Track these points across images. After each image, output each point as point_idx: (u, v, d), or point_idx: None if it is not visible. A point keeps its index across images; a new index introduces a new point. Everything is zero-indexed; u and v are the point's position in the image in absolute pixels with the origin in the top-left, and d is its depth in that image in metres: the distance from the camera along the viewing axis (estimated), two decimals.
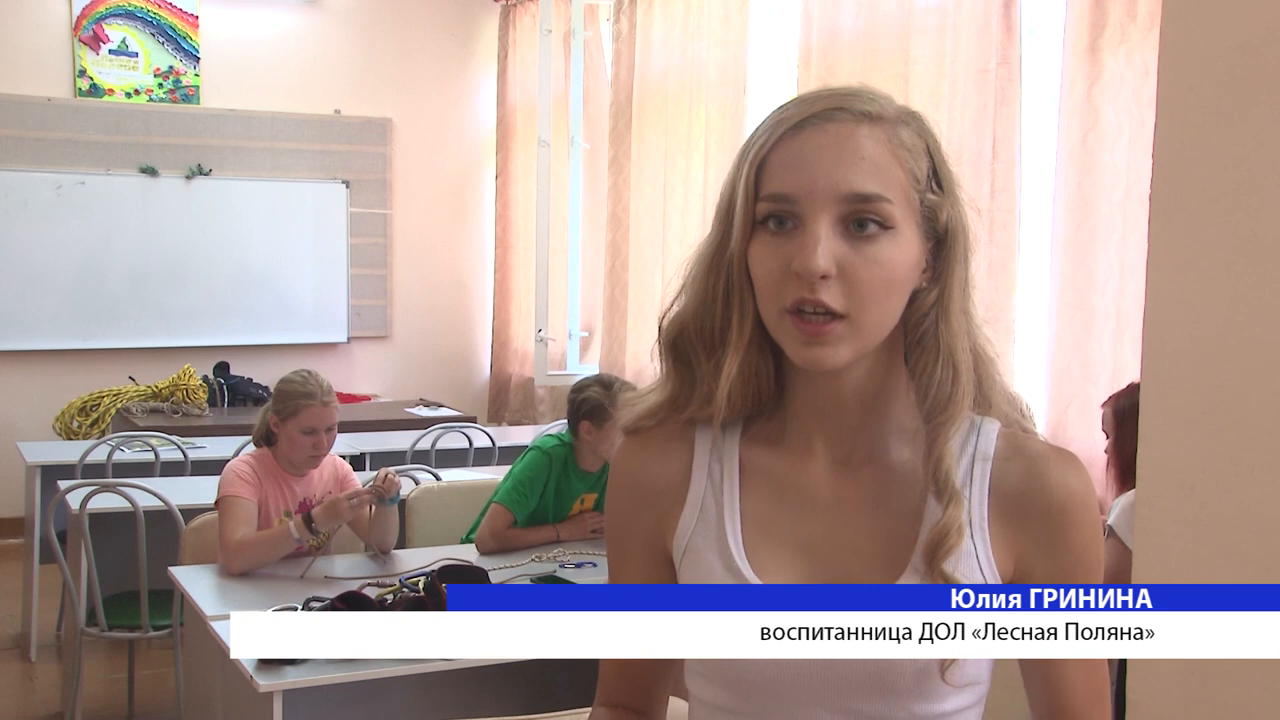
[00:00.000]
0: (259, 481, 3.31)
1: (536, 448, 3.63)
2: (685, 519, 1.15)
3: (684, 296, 1.14)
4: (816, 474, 1.13)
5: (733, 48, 5.23)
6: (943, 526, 1.07)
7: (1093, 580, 1.11)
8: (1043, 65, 3.84)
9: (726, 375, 1.10)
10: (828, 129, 1.05)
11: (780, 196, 1.04)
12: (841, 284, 1.02)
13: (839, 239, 1.03)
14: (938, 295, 1.08)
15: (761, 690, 1.10)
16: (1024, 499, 1.10)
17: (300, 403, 3.31)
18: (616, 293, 5.95)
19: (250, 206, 7.06)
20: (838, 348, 1.04)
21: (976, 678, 1.09)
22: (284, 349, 7.00)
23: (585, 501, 3.66)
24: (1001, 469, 1.12)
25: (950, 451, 1.08)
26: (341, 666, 2.49)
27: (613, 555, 1.22)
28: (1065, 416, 3.60)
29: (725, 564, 1.11)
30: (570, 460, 3.62)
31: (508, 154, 7.35)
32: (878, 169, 1.04)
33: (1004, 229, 3.77)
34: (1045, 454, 1.12)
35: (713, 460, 1.16)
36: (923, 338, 1.09)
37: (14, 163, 6.55)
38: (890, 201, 1.04)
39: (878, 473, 1.13)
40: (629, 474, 1.19)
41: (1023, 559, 1.11)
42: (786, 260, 1.03)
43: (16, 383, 6.60)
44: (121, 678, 4.23)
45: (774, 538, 1.12)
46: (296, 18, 7.22)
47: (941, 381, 1.08)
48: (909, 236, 1.06)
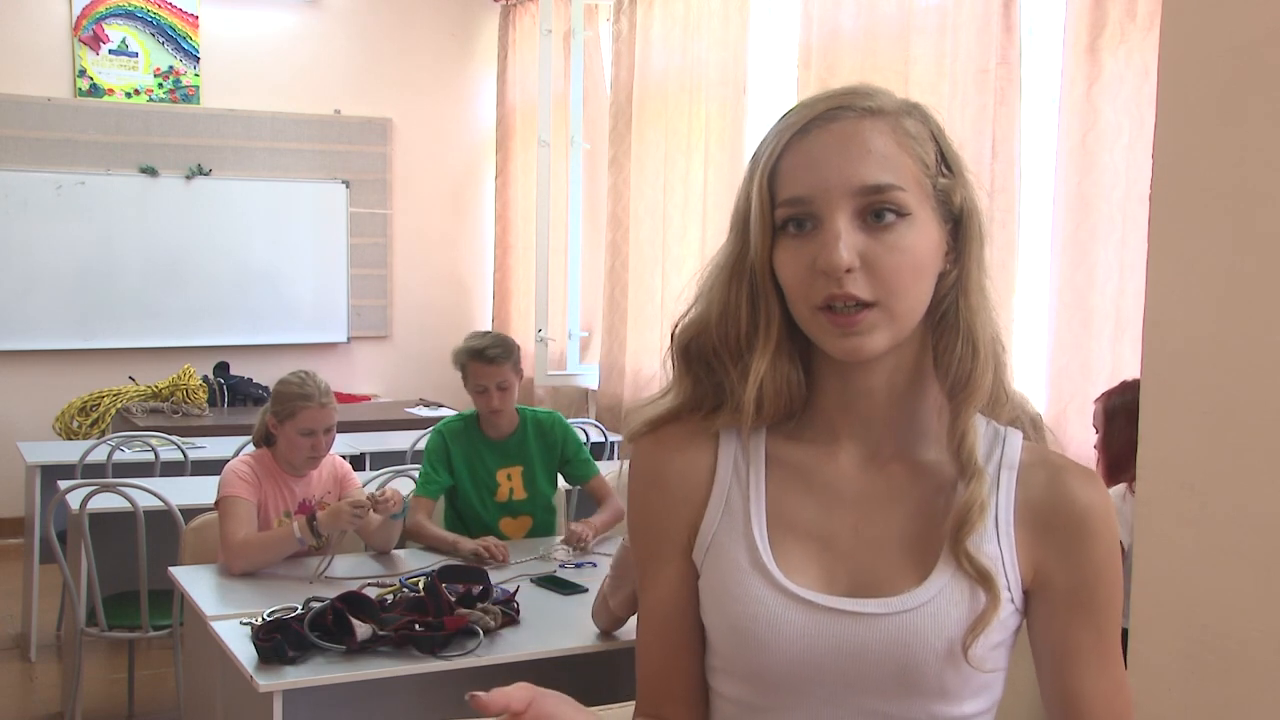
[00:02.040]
0: (258, 482, 3.31)
1: (433, 430, 3.72)
2: (710, 514, 1.15)
3: (701, 304, 1.15)
4: (844, 469, 1.14)
5: (733, 48, 5.23)
6: (966, 502, 1.08)
7: (1112, 589, 1.12)
8: (1043, 65, 3.84)
9: (754, 379, 1.11)
10: (833, 128, 1.06)
11: (796, 200, 1.06)
12: (867, 275, 1.04)
13: (858, 232, 1.04)
14: (958, 275, 1.10)
15: (782, 687, 1.10)
16: (1046, 508, 1.11)
17: (298, 404, 3.31)
18: (616, 293, 5.95)
19: (250, 206, 7.06)
20: (873, 335, 1.05)
21: (996, 665, 1.10)
22: (284, 349, 7.00)
23: (513, 478, 3.67)
24: (1026, 478, 1.13)
25: (974, 428, 1.10)
26: (341, 666, 2.50)
27: (644, 559, 1.19)
28: (1065, 416, 3.59)
29: (751, 559, 1.11)
30: (473, 431, 3.66)
31: (507, 154, 7.35)
32: (886, 160, 1.05)
33: (1004, 229, 3.77)
34: (1068, 466, 1.14)
35: (739, 456, 1.16)
36: (944, 317, 1.10)
37: (14, 163, 6.55)
38: (903, 189, 1.05)
39: (906, 469, 1.13)
40: (650, 472, 1.18)
41: (1043, 569, 1.11)
42: (811, 260, 1.05)
43: (16, 383, 6.60)
44: (121, 678, 4.23)
45: (800, 533, 1.12)
46: (296, 18, 7.22)
47: (962, 358, 1.09)
48: (926, 221, 1.07)
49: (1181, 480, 1.91)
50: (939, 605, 1.07)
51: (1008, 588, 1.09)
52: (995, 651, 1.09)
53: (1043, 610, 1.12)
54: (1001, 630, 1.09)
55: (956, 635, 1.06)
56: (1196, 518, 1.89)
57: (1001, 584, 1.08)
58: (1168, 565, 1.94)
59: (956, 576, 1.08)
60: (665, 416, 1.17)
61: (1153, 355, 1.96)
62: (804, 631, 1.08)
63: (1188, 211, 1.90)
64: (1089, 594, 1.11)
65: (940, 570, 1.08)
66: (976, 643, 1.06)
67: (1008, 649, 1.12)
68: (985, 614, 1.06)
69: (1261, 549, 1.81)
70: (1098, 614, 1.11)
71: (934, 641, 1.06)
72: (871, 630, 1.07)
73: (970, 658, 1.06)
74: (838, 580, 1.10)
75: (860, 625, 1.07)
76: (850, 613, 1.08)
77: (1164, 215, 1.94)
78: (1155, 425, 1.96)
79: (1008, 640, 1.11)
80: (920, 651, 1.06)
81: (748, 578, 1.11)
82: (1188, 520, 1.90)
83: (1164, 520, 1.94)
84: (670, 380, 1.18)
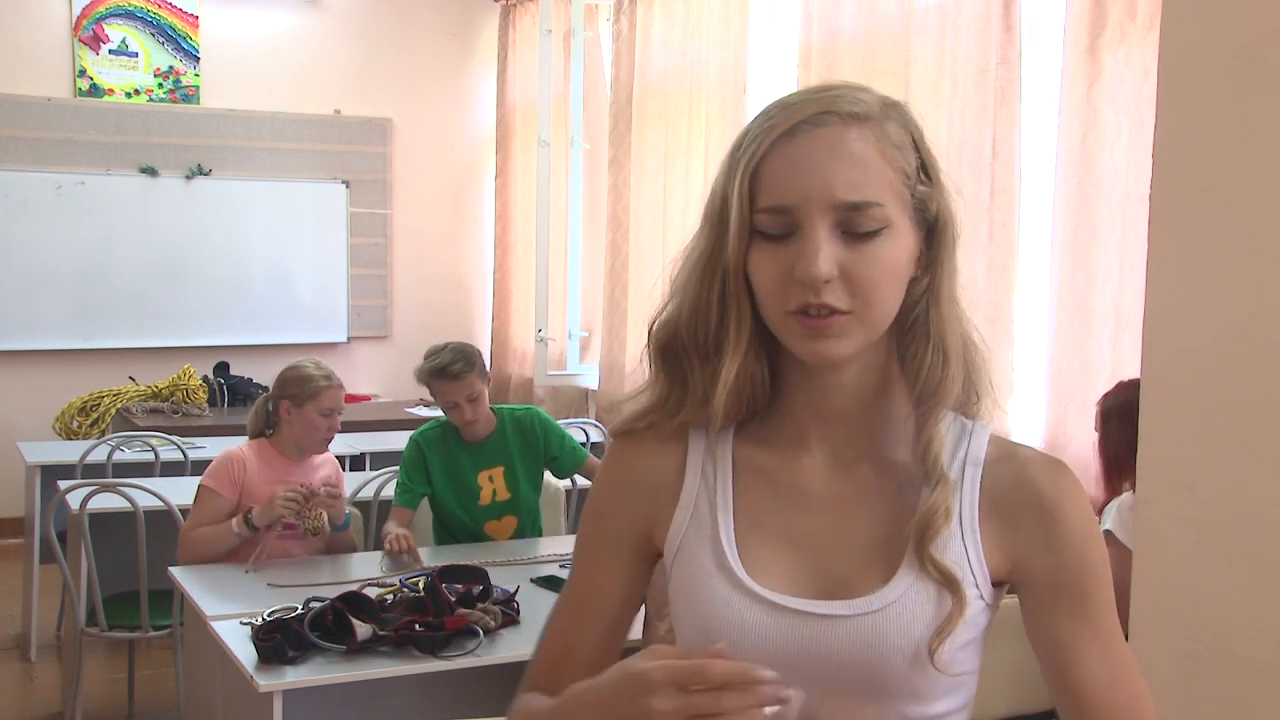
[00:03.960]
0: (244, 478, 3.35)
1: (409, 438, 3.73)
2: (678, 518, 1.15)
3: (674, 301, 1.14)
4: (811, 472, 1.14)
5: (733, 48, 5.23)
6: (929, 507, 1.07)
7: (1096, 575, 1.11)
8: (1043, 65, 3.83)
9: (724, 381, 1.11)
10: (818, 134, 1.06)
11: (778, 208, 1.05)
12: (844, 285, 1.04)
13: (837, 242, 1.04)
14: (929, 283, 1.10)
15: None
16: (1014, 500, 1.11)
17: (319, 384, 3.43)
18: (616, 293, 5.95)
19: (250, 206, 7.06)
20: (843, 340, 1.05)
21: (965, 667, 1.09)
22: (284, 349, 6.98)
23: (495, 479, 3.65)
24: (992, 472, 1.12)
25: (939, 435, 1.09)
26: (341, 666, 2.50)
27: (581, 548, 1.22)
28: (1065, 416, 3.59)
29: (717, 562, 1.11)
30: (450, 437, 3.66)
31: (507, 154, 7.34)
32: (869, 174, 1.05)
33: (1004, 229, 3.76)
34: (1035, 459, 1.13)
35: (706, 459, 1.16)
36: (914, 324, 1.10)
37: (14, 163, 6.55)
38: (883, 205, 1.05)
39: (873, 471, 1.13)
40: (620, 471, 1.20)
41: (1020, 561, 1.11)
42: (788, 266, 1.05)
43: (16, 383, 6.60)
44: (121, 678, 4.23)
45: (768, 536, 1.12)
46: (296, 18, 7.22)
47: (931, 366, 1.09)
48: (904, 230, 1.07)
49: (1181, 480, 1.91)
50: (904, 607, 1.06)
51: (975, 585, 1.08)
52: (964, 652, 1.08)
53: (1030, 604, 1.11)
54: (971, 629, 1.08)
55: (922, 637, 1.05)
56: (1196, 518, 1.89)
57: (968, 583, 1.08)
58: (1168, 565, 1.94)
59: (921, 578, 1.07)
60: (641, 414, 1.18)
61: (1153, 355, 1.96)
62: (770, 634, 1.08)
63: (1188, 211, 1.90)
64: (1071, 582, 1.10)
65: (905, 572, 1.08)
66: (943, 646, 1.05)
67: (979, 647, 1.11)
68: (951, 617, 1.06)
69: (1261, 549, 1.81)
70: (1086, 602, 1.10)
71: (900, 643, 1.05)
72: (837, 632, 1.07)
73: (936, 660, 1.05)
74: (805, 582, 1.10)
75: (826, 627, 1.07)
76: (816, 615, 1.07)
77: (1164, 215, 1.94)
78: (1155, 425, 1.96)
79: (978, 639, 1.11)
80: (886, 653, 1.05)
81: (714, 580, 1.11)
82: (1188, 520, 1.90)
83: (1164, 520, 1.94)
84: (648, 374, 1.18)
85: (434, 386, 3.60)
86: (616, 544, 1.19)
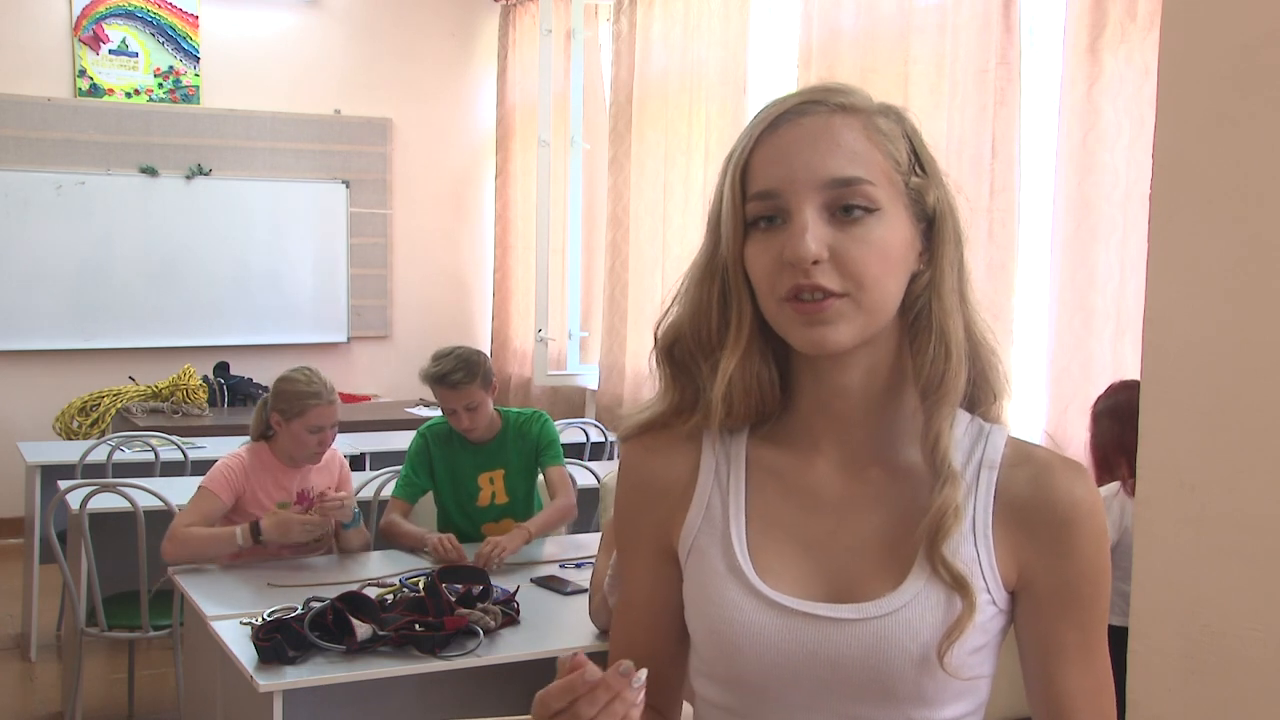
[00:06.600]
0: (243, 483, 3.34)
1: (417, 431, 3.72)
2: (691, 519, 1.15)
3: (678, 305, 1.15)
4: (823, 473, 1.13)
5: (733, 48, 5.23)
6: (940, 506, 1.06)
7: (1100, 584, 1.10)
8: (1043, 65, 3.83)
9: (723, 377, 1.11)
10: (803, 122, 1.06)
11: (765, 194, 1.06)
12: (835, 267, 1.04)
13: (826, 225, 1.04)
14: (931, 276, 1.09)
15: (760, 692, 1.09)
16: (1030, 506, 1.10)
17: (308, 402, 3.34)
18: (616, 293, 5.95)
19: (250, 206, 7.06)
20: (838, 325, 1.04)
21: (976, 671, 1.09)
22: (284, 349, 6.99)
23: (495, 482, 3.65)
24: (1008, 476, 1.11)
25: (947, 431, 1.08)
26: (341, 666, 2.49)
27: (621, 554, 1.23)
28: (1065, 416, 3.59)
29: (728, 564, 1.11)
30: (455, 435, 3.65)
31: (508, 154, 7.35)
32: (856, 154, 1.05)
33: (1003, 229, 3.76)
34: (1052, 463, 1.12)
35: (720, 460, 1.16)
36: (917, 318, 1.10)
37: (14, 163, 6.55)
38: (872, 183, 1.05)
39: (885, 473, 1.13)
40: (635, 474, 1.20)
41: (1027, 567, 1.10)
42: (778, 251, 1.04)
43: (16, 383, 6.60)
44: (121, 678, 4.23)
45: (779, 537, 1.12)
46: (296, 18, 7.22)
47: (935, 360, 1.08)
48: (897, 216, 1.07)
49: (1181, 480, 1.91)
50: (914, 611, 1.06)
51: (987, 590, 1.08)
52: (975, 656, 1.08)
53: (1028, 607, 1.11)
54: (982, 634, 1.08)
55: (932, 641, 1.05)
56: (1196, 518, 1.89)
57: (979, 587, 1.07)
58: (1168, 565, 1.94)
59: (932, 581, 1.06)
60: (652, 422, 1.18)
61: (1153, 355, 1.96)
62: (779, 637, 1.07)
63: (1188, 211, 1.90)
64: (1075, 591, 1.09)
65: (915, 575, 1.07)
66: (952, 650, 1.04)
67: (992, 652, 1.11)
68: (960, 620, 1.05)
69: (1261, 549, 1.81)
70: (1083, 611, 1.10)
71: (909, 647, 1.05)
72: (846, 635, 1.06)
73: (945, 665, 1.04)
74: (815, 585, 1.10)
75: (835, 630, 1.07)
76: (825, 618, 1.07)
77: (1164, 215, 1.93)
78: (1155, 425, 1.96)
79: (991, 644, 1.10)
80: (895, 657, 1.05)
81: (725, 582, 1.11)
82: (1188, 520, 1.90)
83: (1164, 520, 1.94)
84: (659, 384, 1.18)
85: (435, 392, 3.62)
86: (647, 548, 1.19)
